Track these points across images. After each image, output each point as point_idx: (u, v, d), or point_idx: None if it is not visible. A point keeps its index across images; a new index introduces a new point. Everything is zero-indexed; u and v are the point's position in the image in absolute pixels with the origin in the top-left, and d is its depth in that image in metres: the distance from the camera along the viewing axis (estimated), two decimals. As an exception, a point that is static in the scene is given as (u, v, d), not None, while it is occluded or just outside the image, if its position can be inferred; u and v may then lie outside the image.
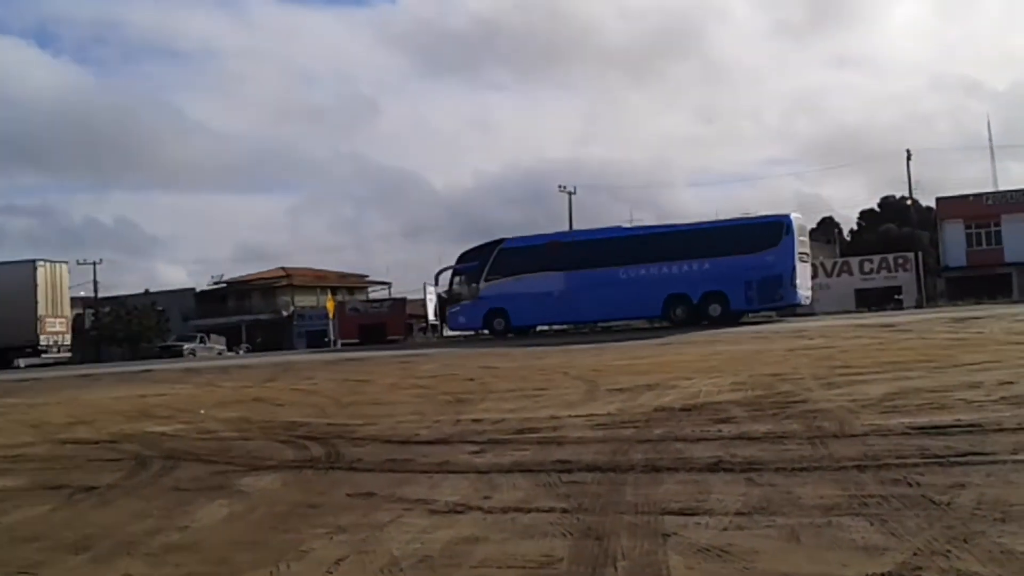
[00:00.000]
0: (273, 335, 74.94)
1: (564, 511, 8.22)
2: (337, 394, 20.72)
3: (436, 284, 45.60)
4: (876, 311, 45.70)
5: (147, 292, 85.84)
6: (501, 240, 42.61)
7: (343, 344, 54.87)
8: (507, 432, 13.10)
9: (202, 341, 66.96)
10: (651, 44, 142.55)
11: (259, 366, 32.34)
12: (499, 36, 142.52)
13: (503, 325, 41.34)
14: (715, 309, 38.14)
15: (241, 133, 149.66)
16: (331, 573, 6.89)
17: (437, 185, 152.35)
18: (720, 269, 38.08)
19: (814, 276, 50.59)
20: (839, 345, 23.34)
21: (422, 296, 67.13)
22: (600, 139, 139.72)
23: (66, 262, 43.25)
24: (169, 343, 66.87)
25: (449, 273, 42.89)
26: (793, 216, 38.96)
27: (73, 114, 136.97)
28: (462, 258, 43.27)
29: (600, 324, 42.03)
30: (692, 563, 6.43)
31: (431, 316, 64.83)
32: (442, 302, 45.86)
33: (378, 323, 62.30)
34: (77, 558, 7.92)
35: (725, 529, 7.24)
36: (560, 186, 74.21)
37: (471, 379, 21.34)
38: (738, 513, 7.69)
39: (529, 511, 8.36)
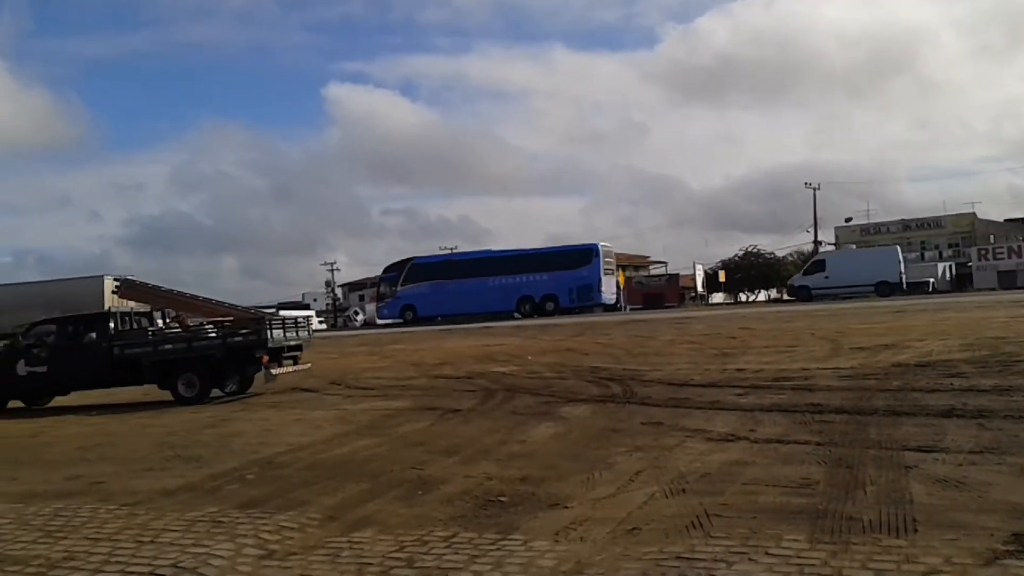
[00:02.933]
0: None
1: (818, 444, 7.84)
2: (628, 347, 20.75)
3: (377, 291, 49.94)
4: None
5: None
6: (411, 258, 47.21)
7: (630, 309, 54.76)
8: (766, 379, 12.64)
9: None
10: (868, 66, 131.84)
11: (568, 325, 32.88)
12: (739, 67, 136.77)
13: (412, 316, 45.01)
14: (550, 306, 42.99)
15: (545, 152, 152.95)
16: (633, 480, 6.92)
17: (694, 187, 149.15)
18: (553, 279, 43.15)
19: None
20: (1059, 314, 20.78)
21: (692, 272, 65.85)
22: (829, 145, 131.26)
23: (135, 277, 48.51)
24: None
25: (377, 280, 47.78)
26: (600, 245, 44.29)
27: (427, 143, 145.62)
28: (386, 270, 47.77)
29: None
30: (932, 491, 5.95)
31: (699, 287, 63.68)
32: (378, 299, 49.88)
33: (657, 293, 61.90)
34: (450, 459, 8.40)
35: (960, 465, 6.65)
36: (806, 183, 69.96)
37: (733, 337, 20.74)
38: (971, 452, 7.04)
39: (788, 443, 8.04)
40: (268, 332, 15.46)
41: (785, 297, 51.64)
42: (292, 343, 16.35)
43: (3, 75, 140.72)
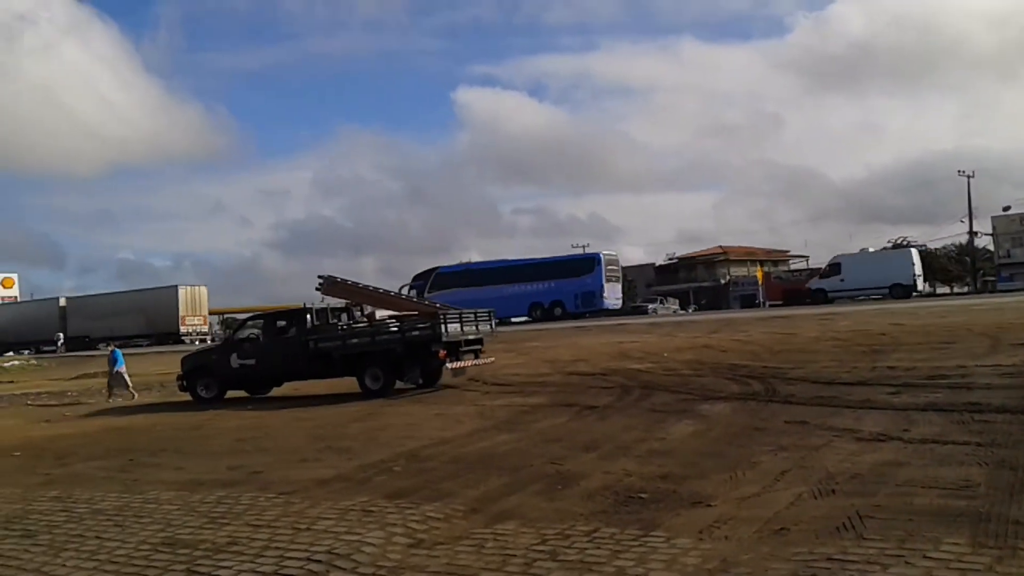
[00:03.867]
0: (713, 298, 73.95)
1: (978, 445, 7.42)
2: (768, 344, 20.17)
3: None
4: None
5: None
6: (436, 268, 50.96)
7: (770, 305, 53.10)
8: (919, 377, 12.03)
9: (661, 302, 67.82)
10: (1020, 45, 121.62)
11: (704, 322, 32.25)
12: (877, 53, 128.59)
13: None
14: (558, 311, 45.08)
15: (674, 147, 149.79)
16: (778, 480, 6.76)
17: (834, 178, 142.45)
18: (560, 286, 45.64)
19: None
20: None
21: (835, 267, 63.42)
22: (980, 131, 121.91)
23: (205, 285, 57.72)
24: (637, 304, 68.48)
25: (407, 288, 49.44)
26: (603, 254, 46.75)
27: (556, 142, 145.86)
28: (414, 278, 50.53)
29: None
30: (1112, 497, 5.54)
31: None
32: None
33: (798, 288, 59.52)
34: (588, 455, 8.44)
35: None
36: (959, 171, 65.79)
37: (883, 334, 19.80)
38: None
39: (945, 443, 7.64)
40: (443, 326, 15.70)
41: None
42: (471, 337, 16.64)
43: (161, 92, 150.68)
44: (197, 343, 48.72)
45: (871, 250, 53.46)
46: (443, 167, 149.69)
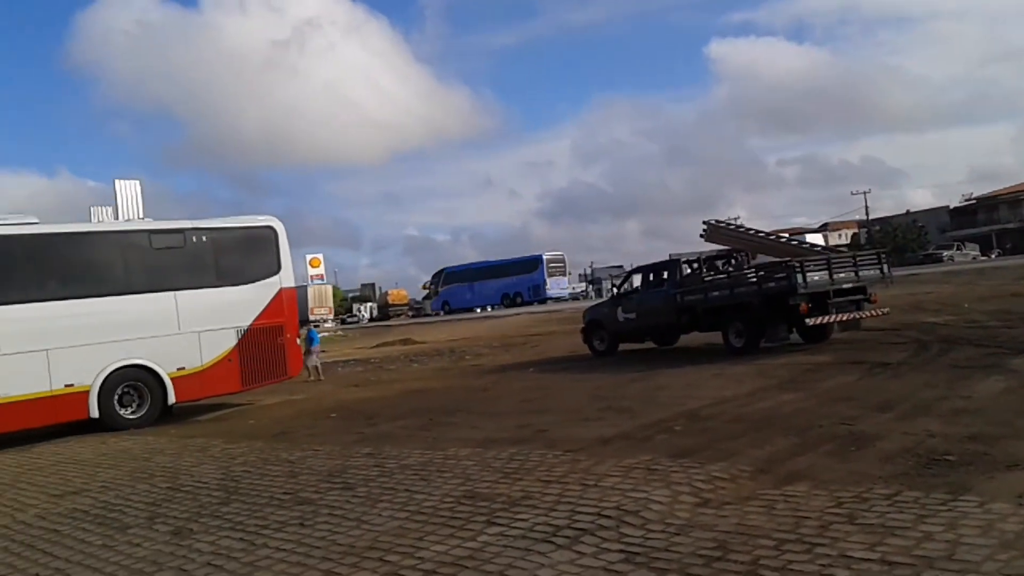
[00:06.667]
0: (1021, 241, 66.20)
1: None
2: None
3: (428, 291, 66.92)
4: None
5: (907, 212, 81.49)
6: (445, 268, 63.36)
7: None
8: None
9: (958, 248, 61.75)
10: None
11: (1012, 267, 28.86)
12: None
13: (448, 308, 59.37)
14: (519, 299, 56.26)
15: (959, 78, 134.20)
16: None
17: None
18: (518, 281, 57.69)
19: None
20: None
21: None
22: None
23: (330, 285, 68.89)
24: (929, 251, 62.87)
25: (428, 282, 64.45)
26: (545, 254, 57.42)
27: (820, 85, 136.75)
28: (432, 276, 64.01)
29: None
30: None
31: None
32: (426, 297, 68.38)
33: None
34: (883, 415, 7.94)
35: None
36: None
37: None
38: None
39: None
40: (800, 275, 13.63)
41: None
42: (848, 286, 14.15)
43: (431, 79, 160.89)
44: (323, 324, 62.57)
45: None
46: (701, 124, 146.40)
